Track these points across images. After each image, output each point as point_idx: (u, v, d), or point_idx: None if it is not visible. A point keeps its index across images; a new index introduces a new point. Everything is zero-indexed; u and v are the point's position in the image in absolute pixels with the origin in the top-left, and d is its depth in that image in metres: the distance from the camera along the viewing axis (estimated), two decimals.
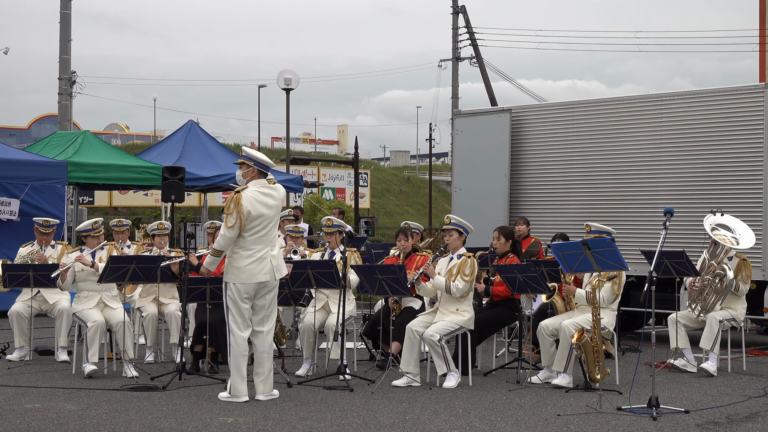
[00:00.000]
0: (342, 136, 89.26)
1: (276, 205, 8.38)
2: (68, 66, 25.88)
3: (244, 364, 8.21)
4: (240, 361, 8.20)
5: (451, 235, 9.51)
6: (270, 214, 8.29)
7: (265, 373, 8.29)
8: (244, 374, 8.21)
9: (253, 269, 8.18)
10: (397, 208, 52.04)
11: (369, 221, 23.24)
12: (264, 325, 8.33)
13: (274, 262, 8.29)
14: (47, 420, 7.41)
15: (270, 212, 8.29)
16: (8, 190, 14.89)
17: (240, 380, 8.19)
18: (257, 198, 8.23)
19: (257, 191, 8.27)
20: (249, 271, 8.18)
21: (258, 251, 8.21)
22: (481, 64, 34.73)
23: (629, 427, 7.28)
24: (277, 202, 8.40)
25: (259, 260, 8.20)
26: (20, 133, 61.88)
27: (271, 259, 8.26)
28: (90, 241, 10.17)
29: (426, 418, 7.61)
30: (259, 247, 8.22)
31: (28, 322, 10.51)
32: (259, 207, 8.21)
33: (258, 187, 8.31)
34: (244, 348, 8.22)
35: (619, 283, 9.15)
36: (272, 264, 8.26)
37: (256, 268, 8.19)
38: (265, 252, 8.24)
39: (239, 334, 8.20)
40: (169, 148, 19.71)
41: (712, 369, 9.75)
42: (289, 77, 25.50)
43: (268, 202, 8.29)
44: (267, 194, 8.31)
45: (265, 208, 8.25)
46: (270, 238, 8.32)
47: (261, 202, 8.24)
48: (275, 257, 8.33)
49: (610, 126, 13.42)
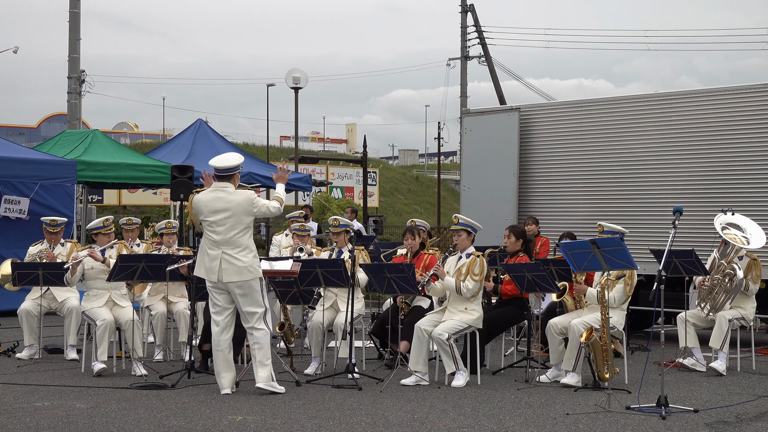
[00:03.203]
0: (351, 134, 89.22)
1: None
2: (77, 65, 25.97)
3: (219, 358, 8.54)
4: (214, 354, 8.62)
5: (459, 235, 9.49)
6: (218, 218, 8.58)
7: (256, 360, 8.54)
8: (219, 371, 8.53)
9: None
10: (405, 207, 52.02)
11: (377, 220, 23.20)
12: (246, 321, 8.63)
13: (224, 264, 8.51)
14: (56, 418, 7.43)
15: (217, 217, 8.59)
16: (18, 188, 14.94)
17: (218, 377, 8.56)
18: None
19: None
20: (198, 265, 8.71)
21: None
22: (489, 62, 34.74)
23: (638, 426, 7.26)
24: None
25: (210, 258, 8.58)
26: (30, 131, 62.03)
27: (221, 260, 8.52)
28: (101, 238, 10.20)
29: (434, 416, 7.61)
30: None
31: (37, 320, 10.54)
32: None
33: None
34: (216, 342, 8.58)
35: (631, 284, 9.12)
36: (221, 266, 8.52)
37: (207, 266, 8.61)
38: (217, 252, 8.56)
39: (212, 325, 8.70)
40: (178, 147, 19.76)
41: (721, 368, 9.72)
42: (297, 76, 25.52)
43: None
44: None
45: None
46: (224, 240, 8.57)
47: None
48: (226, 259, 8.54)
49: (619, 125, 13.39)
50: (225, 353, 8.56)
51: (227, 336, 8.59)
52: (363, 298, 10.38)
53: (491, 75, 34.57)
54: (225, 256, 8.49)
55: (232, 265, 8.48)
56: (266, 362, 8.51)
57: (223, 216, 8.54)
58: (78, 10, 25.40)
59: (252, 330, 8.56)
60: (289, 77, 25.65)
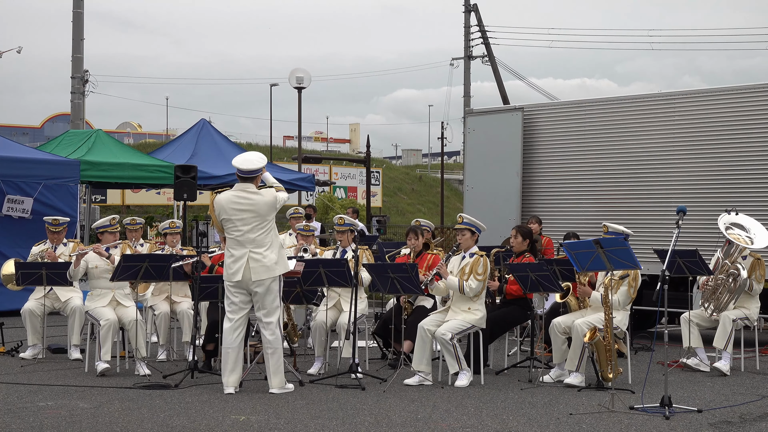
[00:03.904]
0: (354, 134, 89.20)
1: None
2: (81, 65, 25.97)
3: (228, 357, 8.53)
4: (223, 353, 8.61)
5: (463, 235, 9.49)
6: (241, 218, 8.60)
7: (271, 368, 8.55)
8: (226, 369, 8.52)
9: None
10: (409, 207, 51.99)
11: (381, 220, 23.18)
12: (264, 328, 8.63)
13: (251, 263, 8.52)
14: (60, 418, 7.44)
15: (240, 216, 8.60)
16: (21, 188, 14.95)
17: (223, 375, 8.55)
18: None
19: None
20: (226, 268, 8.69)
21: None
22: (493, 62, 34.71)
23: (642, 426, 7.26)
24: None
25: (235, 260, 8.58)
26: (33, 131, 62.07)
27: (248, 259, 8.52)
28: (106, 237, 10.20)
29: (438, 416, 7.61)
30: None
31: (40, 320, 10.55)
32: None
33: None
34: (227, 341, 8.55)
35: (635, 286, 9.10)
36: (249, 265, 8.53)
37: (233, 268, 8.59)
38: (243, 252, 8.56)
39: (225, 324, 8.68)
40: (181, 147, 19.75)
41: (725, 368, 9.71)
42: (301, 76, 25.54)
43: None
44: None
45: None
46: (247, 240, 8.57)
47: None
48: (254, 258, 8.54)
49: (622, 124, 13.38)
50: (235, 352, 8.56)
51: (238, 335, 8.60)
52: (366, 297, 10.39)
53: (494, 75, 34.56)
54: (252, 254, 8.52)
55: (259, 263, 8.51)
56: (280, 368, 8.58)
57: (248, 216, 8.56)
58: (81, 10, 25.40)
59: (268, 334, 8.57)
60: (292, 77, 25.65)
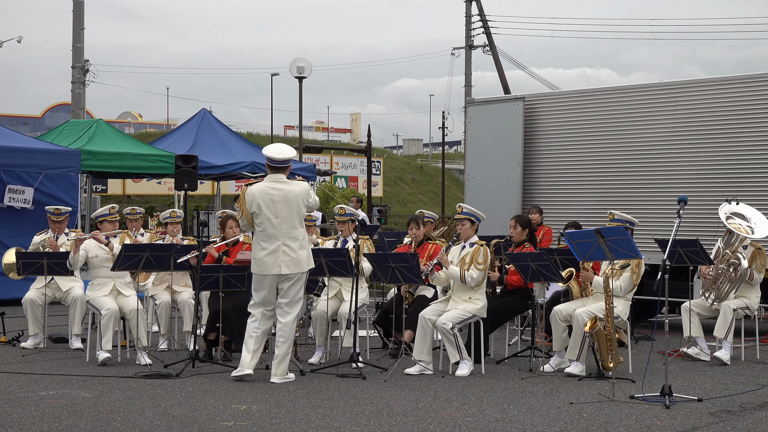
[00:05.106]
0: (355, 124, 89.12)
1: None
2: (81, 55, 25.91)
3: (250, 341, 8.59)
4: (247, 337, 8.66)
5: (463, 225, 9.49)
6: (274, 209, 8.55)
7: (278, 357, 8.58)
8: (250, 349, 8.58)
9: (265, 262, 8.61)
10: (410, 197, 51.97)
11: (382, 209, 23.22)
12: (282, 315, 8.63)
13: (283, 256, 8.51)
14: (61, 407, 7.45)
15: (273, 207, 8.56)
16: (22, 178, 14.95)
17: (245, 353, 8.59)
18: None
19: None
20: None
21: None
22: (494, 52, 34.64)
23: (642, 415, 7.27)
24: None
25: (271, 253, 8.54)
26: (33, 121, 62.03)
27: (281, 252, 8.50)
28: (106, 225, 10.19)
29: (438, 406, 7.62)
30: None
31: (42, 309, 10.57)
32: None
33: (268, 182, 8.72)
34: (250, 328, 8.61)
35: (638, 273, 9.10)
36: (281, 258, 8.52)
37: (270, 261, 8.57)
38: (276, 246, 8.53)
39: (250, 315, 8.71)
40: (182, 137, 19.75)
41: (725, 357, 9.72)
42: (302, 65, 25.48)
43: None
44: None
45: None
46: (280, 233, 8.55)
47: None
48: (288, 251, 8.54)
49: (623, 114, 13.37)
50: (259, 338, 8.63)
51: (266, 327, 8.66)
52: (367, 287, 10.40)
53: (496, 64, 34.50)
54: (284, 248, 8.51)
55: (291, 258, 8.53)
56: (286, 358, 8.61)
57: (280, 206, 8.53)
58: (81, 0, 25.36)
59: (283, 323, 8.59)
60: (293, 67, 25.61)
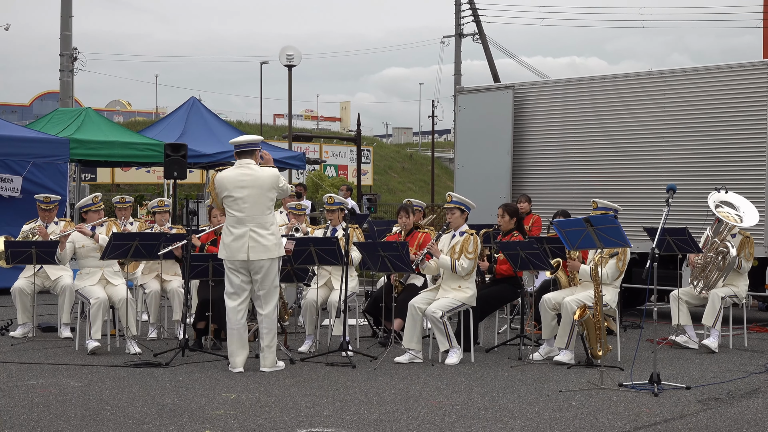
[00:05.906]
0: (344, 113, 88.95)
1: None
2: (69, 42, 25.78)
3: (233, 337, 8.53)
4: (229, 333, 8.59)
5: (453, 214, 9.49)
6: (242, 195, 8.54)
7: (265, 346, 8.57)
8: (234, 349, 8.51)
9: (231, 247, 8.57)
10: (399, 185, 52.00)
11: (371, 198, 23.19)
12: (261, 307, 8.62)
13: (251, 242, 8.48)
14: (51, 396, 7.44)
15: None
16: (10, 167, 14.89)
17: (232, 352, 8.55)
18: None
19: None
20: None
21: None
22: (483, 40, 34.61)
23: (631, 403, 7.30)
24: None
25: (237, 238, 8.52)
26: (22, 110, 61.75)
27: (248, 238, 8.48)
28: (90, 215, 10.16)
29: (428, 394, 7.63)
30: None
31: (30, 298, 10.53)
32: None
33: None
34: (232, 321, 8.53)
35: (623, 260, 9.13)
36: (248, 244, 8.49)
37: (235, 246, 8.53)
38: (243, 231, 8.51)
39: (228, 304, 8.62)
40: (171, 125, 19.70)
41: (713, 345, 9.76)
42: (291, 54, 25.42)
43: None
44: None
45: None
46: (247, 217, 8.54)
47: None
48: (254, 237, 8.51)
49: (613, 103, 13.38)
50: (240, 332, 8.57)
51: (243, 316, 8.61)
52: (357, 276, 10.39)
53: (485, 53, 34.46)
54: (252, 234, 8.48)
55: (259, 244, 8.48)
56: (273, 347, 8.61)
57: (249, 192, 8.52)
58: None
59: (264, 315, 8.58)
60: (282, 55, 25.54)
